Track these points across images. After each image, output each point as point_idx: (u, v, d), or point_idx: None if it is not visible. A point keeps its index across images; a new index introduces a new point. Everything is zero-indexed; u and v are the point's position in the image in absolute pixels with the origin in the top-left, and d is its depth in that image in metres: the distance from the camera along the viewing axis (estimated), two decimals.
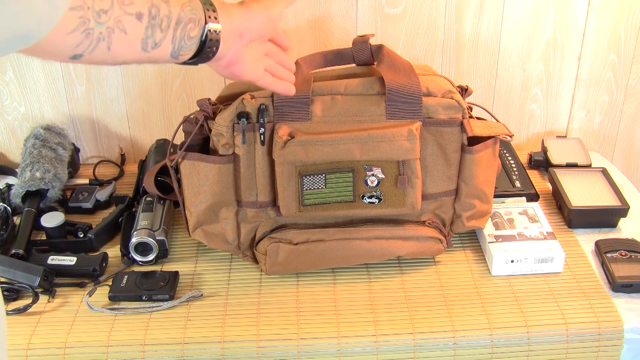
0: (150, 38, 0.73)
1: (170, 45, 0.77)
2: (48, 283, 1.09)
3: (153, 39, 0.73)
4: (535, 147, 1.50)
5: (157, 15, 0.73)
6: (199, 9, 0.80)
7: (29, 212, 1.22)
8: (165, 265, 1.17)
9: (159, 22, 0.73)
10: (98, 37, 0.67)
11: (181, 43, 0.78)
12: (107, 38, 0.68)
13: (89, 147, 1.48)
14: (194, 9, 0.79)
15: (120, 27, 0.68)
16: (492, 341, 1.03)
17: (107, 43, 0.68)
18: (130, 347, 1.01)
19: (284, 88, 0.97)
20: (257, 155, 1.07)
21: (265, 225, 1.12)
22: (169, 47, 0.77)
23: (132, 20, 0.70)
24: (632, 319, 1.05)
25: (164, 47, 0.76)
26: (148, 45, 0.73)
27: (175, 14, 0.75)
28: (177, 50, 0.78)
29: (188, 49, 0.80)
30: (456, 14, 1.38)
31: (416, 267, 1.16)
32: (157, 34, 0.74)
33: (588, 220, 1.24)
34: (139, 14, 0.70)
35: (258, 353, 1.01)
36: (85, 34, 0.65)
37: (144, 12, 0.71)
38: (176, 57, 0.80)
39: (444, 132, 1.09)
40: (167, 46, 0.76)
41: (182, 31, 0.77)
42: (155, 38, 0.74)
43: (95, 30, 0.66)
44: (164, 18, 0.74)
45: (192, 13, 0.78)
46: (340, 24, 1.38)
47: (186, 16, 0.77)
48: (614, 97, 1.49)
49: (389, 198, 1.08)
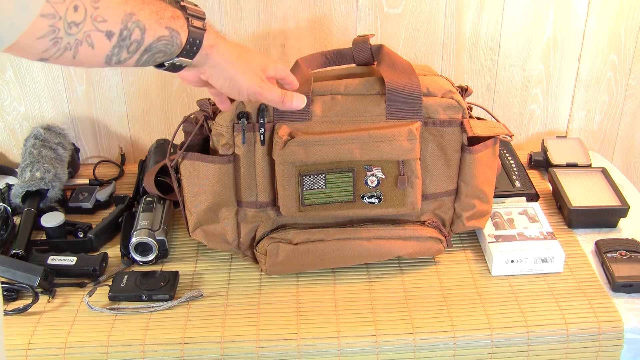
0: (115, 56, 0.74)
1: (133, 64, 0.77)
2: (48, 283, 1.09)
3: (118, 57, 0.74)
4: (535, 147, 1.50)
5: (128, 38, 0.73)
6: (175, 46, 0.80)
7: (29, 212, 1.22)
8: (165, 265, 1.17)
9: (127, 44, 0.74)
10: (65, 47, 0.68)
11: (145, 64, 0.79)
12: (74, 48, 0.69)
13: (89, 147, 1.48)
14: (170, 45, 0.79)
15: (88, 41, 0.69)
16: (492, 341, 1.03)
17: (73, 53, 0.69)
18: (130, 347, 1.01)
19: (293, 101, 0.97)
20: (257, 155, 1.07)
21: (265, 225, 1.12)
22: (132, 64, 0.77)
23: (102, 37, 0.71)
24: (632, 319, 1.05)
25: (127, 64, 0.77)
26: (112, 61, 0.74)
27: (146, 42, 0.76)
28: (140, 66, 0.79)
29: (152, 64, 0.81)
30: (456, 14, 1.38)
31: (416, 267, 1.16)
32: (123, 54, 0.74)
33: (588, 220, 1.24)
34: (109, 33, 0.71)
35: (258, 353, 1.01)
36: (53, 42, 0.66)
37: (115, 32, 0.72)
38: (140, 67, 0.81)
39: (444, 132, 1.09)
40: (130, 64, 0.77)
41: (149, 56, 0.78)
42: (120, 56, 0.74)
43: (64, 40, 0.67)
44: (133, 42, 0.74)
45: (165, 47, 0.79)
46: (340, 24, 1.38)
47: (158, 47, 0.78)
48: (614, 97, 1.49)
49: (389, 198, 1.08)
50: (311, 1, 1.35)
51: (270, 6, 1.35)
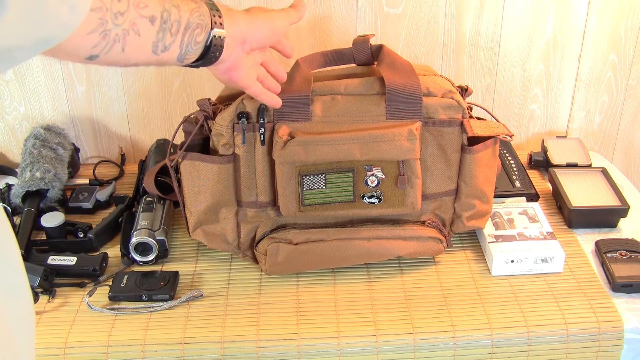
0: (160, 41, 0.76)
1: (178, 49, 0.80)
2: (48, 283, 1.09)
3: (163, 43, 0.76)
4: (535, 147, 1.50)
5: (169, 19, 0.75)
6: (206, 15, 0.83)
7: (29, 212, 1.22)
8: (165, 265, 1.17)
9: (169, 26, 0.76)
10: (114, 39, 0.69)
11: (188, 47, 0.81)
12: (122, 39, 0.70)
13: (89, 147, 1.48)
14: (202, 15, 0.82)
15: (134, 30, 0.71)
16: (492, 341, 1.03)
17: (122, 45, 0.70)
18: (130, 347, 1.01)
19: (270, 100, 1.01)
20: (257, 155, 1.07)
21: (265, 225, 1.12)
22: (177, 50, 0.80)
23: (146, 23, 0.72)
24: (632, 319, 1.05)
25: (172, 50, 0.79)
26: (158, 49, 0.76)
27: (184, 19, 0.78)
28: (183, 54, 0.81)
29: (193, 53, 0.83)
30: (456, 14, 1.38)
31: (416, 267, 1.16)
32: (167, 38, 0.77)
33: (588, 220, 1.24)
34: (152, 18, 0.73)
35: (258, 353, 1.01)
36: (103, 35, 0.67)
37: (156, 16, 0.74)
38: (182, 61, 0.83)
39: (444, 132, 1.09)
40: (175, 50, 0.79)
41: (189, 36, 0.80)
42: (165, 42, 0.77)
43: (112, 31, 0.68)
44: (174, 22, 0.77)
45: (200, 19, 0.81)
46: (340, 24, 1.38)
47: (194, 22, 0.80)
48: (614, 97, 1.49)
49: (389, 198, 1.08)
50: (311, 1, 1.35)
51: (270, 6, 1.35)
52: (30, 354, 0.68)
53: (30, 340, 0.69)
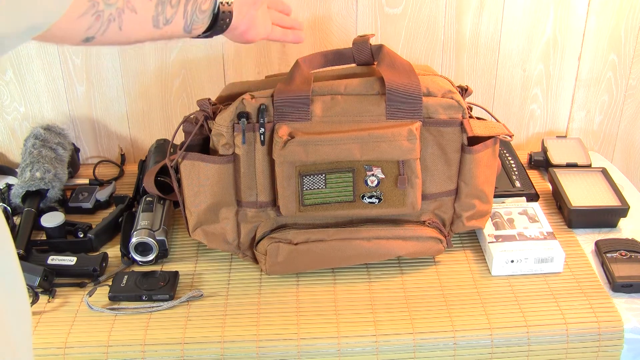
0: (161, 15, 0.73)
1: (182, 21, 0.76)
2: (48, 283, 1.09)
3: (164, 16, 0.73)
4: (535, 147, 1.50)
5: None
6: None
7: (29, 212, 1.22)
8: (165, 265, 1.17)
9: None
10: (109, 19, 0.67)
11: (193, 17, 0.77)
12: (117, 18, 0.67)
13: (89, 147, 1.48)
14: None
15: (129, 7, 0.68)
16: (492, 341, 1.03)
17: (118, 23, 0.68)
18: (130, 347, 1.01)
19: (294, 37, 0.97)
20: (257, 155, 1.07)
21: (265, 225, 1.12)
22: (181, 22, 0.76)
23: None
24: (632, 319, 1.05)
25: (176, 22, 0.75)
26: (160, 22, 0.73)
27: None
28: (189, 25, 0.78)
29: (200, 23, 0.80)
30: (456, 14, 1.38)
31: (416, 267, 1.16)
32: (168, 10, 0.73)
33: (588, 220, 1.24)
34: None
35: (258, 353, 1.01)
36: (95, 16, 0.65)
37: None
38: (189, 32, 0.79)
39: (444, 132, 1.09)
40: (179, 22, 0.76)
41: (192, 5, 0.77)
42: (166, 14, 0.73)
43: (105, 12, 0.66)
44: None
45: None
46: (340, 24, 1.38)
47: None
48: (614, 97, 1.49)
49: (389, 198, 1.08)
50: (311, 1, 1.35)
51: None
52: (28, 351, 0.68)
53: (28, 337, 0.69)
